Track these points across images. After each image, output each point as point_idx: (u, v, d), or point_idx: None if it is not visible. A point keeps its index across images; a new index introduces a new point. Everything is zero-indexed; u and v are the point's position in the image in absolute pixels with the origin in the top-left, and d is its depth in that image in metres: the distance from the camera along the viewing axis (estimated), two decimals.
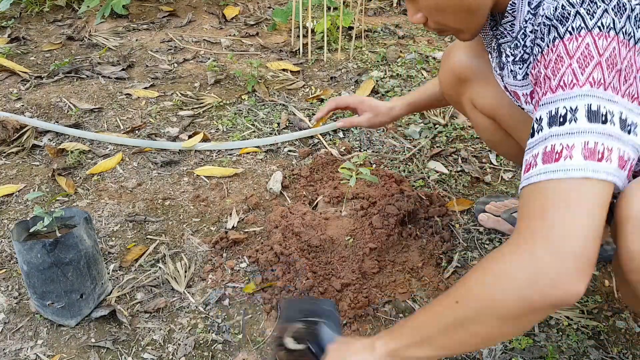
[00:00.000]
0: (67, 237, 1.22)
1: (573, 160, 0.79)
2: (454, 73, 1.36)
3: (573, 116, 0.81)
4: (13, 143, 1.92)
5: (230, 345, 1.25)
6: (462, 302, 0.82)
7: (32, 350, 1.24)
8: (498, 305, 0.79)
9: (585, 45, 0.82)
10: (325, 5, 2.54)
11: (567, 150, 0.80)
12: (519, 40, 1.03)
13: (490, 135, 1.40)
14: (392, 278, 1.40)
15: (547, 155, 0.82)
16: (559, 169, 0.80)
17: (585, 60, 0.81)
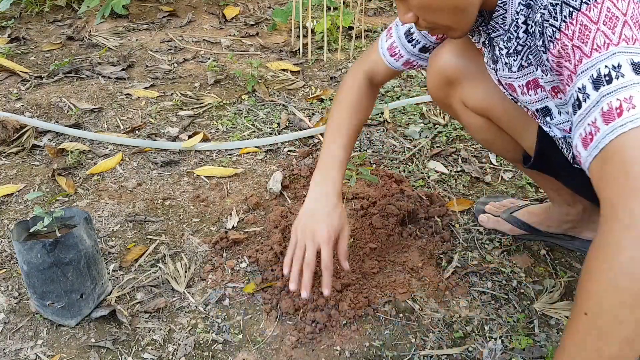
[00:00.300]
0: (67, 237, 1.22)
1: (637, 109, 0.74)
2: (443, 75, 1.34)
3: (618, 72, 0.77)
4: (13, 143, 1.92)
5: (230, 345, 1.25)
6: (591, 312, 0.73)
7: (32, 350, 1.24)
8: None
9: (606, 8, 0.80)
10: (325, 5, 2.54)
11: (626, 103, 0.75)
12: (511, 32, 1.04)
13: (484, 134, 1.39)
14: (392, 278, 1.40)
15: (606, 115, 0.77)
16: (626, 121, 0.75)
17: (612, 21, 0.79)
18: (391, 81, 2.36)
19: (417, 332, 1.29)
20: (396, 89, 2.30)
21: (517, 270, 1.46)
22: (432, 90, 1.41)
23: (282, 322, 1.30)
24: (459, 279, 1.42)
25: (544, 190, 1.53)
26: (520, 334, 1.28)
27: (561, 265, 1.48)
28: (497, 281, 1.43)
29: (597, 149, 0.77)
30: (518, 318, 1.32)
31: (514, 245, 1.53)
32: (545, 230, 1.51)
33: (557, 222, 1.49)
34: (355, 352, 1.24)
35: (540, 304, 1.36)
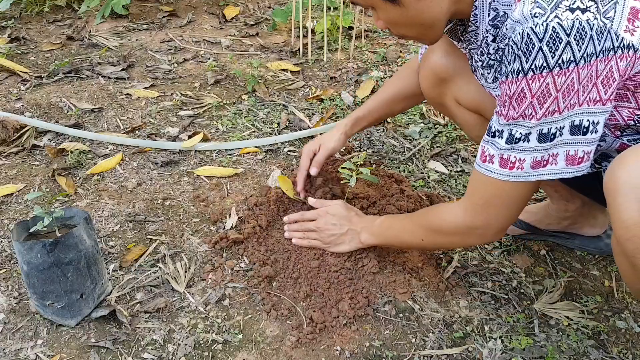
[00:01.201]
0: (67, 237, 1.22)
1: (524, 170, 1.02)
2: (435, 73, 1.40)
3: (527, 138, 1.00)
4: (13, 143, 1.92)
5: (230, 345, 1.25)
6: (425, 241, 1.28)
7: (32, 350, 1.24)
8: (444, 248, 1.45)
9: (545, 84, 0.93)
10: (325, 5, 2.54)
11: (519, 163, 1.02)
12: (483, 47, 1.10)
13: (478, 131, 1.41)
14: (392, 278, 1.40)
15: (503, 162, 1.04)
16: (512, 175, 1.04)
17: (544, 98, 0.95)
18: None
19: (417, 332, 1.29)
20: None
21: (517, 270, 1.46)
22: (425, 91, 1.45)
23: (282, 322, 1.30)
24: (459, 279, 1.42)
25: (542, 187, 1.54)
26: (520, 334, 1.28)
27: (561, 265, 1.48)
28: (497, 281, 1.43)
29: (487, 172, 1.07)
30: (518, 318, 1.32)
31: (514, 245, 1.53)
32: (545, 229, 1.51)
33: (556, 219, 1.49)
34: (355, 352, 1.24)
35: (540, 304, 1.36)
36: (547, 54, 0.91)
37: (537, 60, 0.92)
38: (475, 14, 1.05)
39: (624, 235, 0.90)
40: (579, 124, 0.97)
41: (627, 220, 0.89)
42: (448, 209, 1.22)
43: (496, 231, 1.15)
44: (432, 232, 1.25)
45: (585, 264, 1.49)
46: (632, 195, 0.88)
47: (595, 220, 1.47)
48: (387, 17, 1.06)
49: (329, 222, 1.42)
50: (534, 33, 0.91)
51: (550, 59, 0.91)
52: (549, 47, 0.90)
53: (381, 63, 2.54)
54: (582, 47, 0.90)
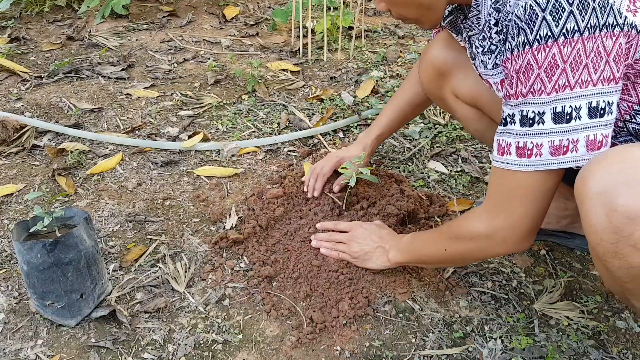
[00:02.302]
0: (67, 237, 1.22)
1: (542, 157, 0.99)
2: (434, 67, 1.42)
3: (541, 119, 0.97)
4: (13, 143, 1.92)
5: (230, 345, 1.25)
6: (448, 251, 1.20)
7: (32, 350, 1.24)
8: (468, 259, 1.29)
9: (552, 55, 0.92)
10: (325, 5, 2.54)
11: (536, 149, 0.99)
12: (485, 32, 1.10)
13: (476, 124, 1.44)
14: (392, 278, 1.40)
15: (520, 150, 1.01)
16: (531, 164, 1.00)
17: (552, 69, 0.93)
18: (391, 81, 2.36)
19: (417, 332, 1.29)
20: (396, 89, 2.29)
21: (517, 270, 1.46)
22: (424, 84, 1.47)
23: (282, 322, 1.30)
24: (459, 279, 1.42)
25: None
26: (520, 334, 1.28)
27: (561, 265, 1.48)
28: (497, 281, 1.43)
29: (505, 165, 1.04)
30: (518, 318, 1.32)
31: None
32: (545, 228, 1.51)
33: (555, 218, 1.49)
34: (355, 352, 1.24)
35: (540, 304, 1.36)
36: (550, 23, 0.91)
37: (541, 29, 0.91)
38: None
39: (594, 240, 0.92)
40: (596, 106, 0.94)
41: (595, 225, 0.90)
42: (471, 214, 1.17)
43: (523, 233, 1.07)
44: (454, 240, 1.18)
45: (585, 264, 1.49)
46: (599, 200, 0.89)
47: None
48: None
49: (361, 236, 1.40)
50: (536, 4, 0.91)
51: (555, 28, 0.91)
52: (552, 16, 0.90)
53: (381, 63, 2.54)
54: (585, 16, 0.90)
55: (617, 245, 0.89)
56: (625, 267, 0.91)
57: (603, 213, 0.88)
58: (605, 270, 0.96)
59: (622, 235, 0.88)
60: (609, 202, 0.88)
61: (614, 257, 0.90)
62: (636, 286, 0.94)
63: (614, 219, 0.87)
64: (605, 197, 0.88)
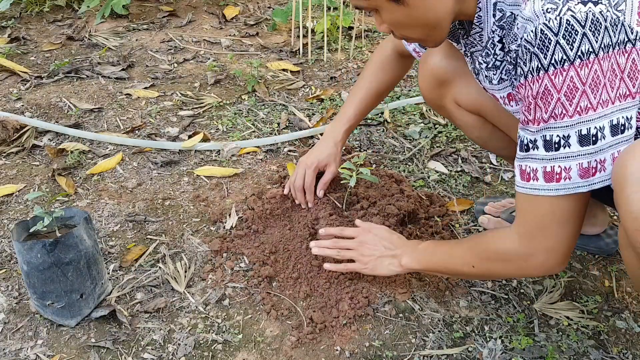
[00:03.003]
0: (67, 237, 1.22)
1: (572, 181, 0.96)
2: (434, 76, 1.39)
3: (567, 142, 0.95)
4: (13, 143, 1.92)
5: (230, 345, 1.25)
6: (477, 269, 1.16)
7: (32, 350, 1.24)
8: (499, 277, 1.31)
9: (570, 78, 0.91)
10: (325, 5, 2.54)
11: (565, 172, 0.96)
12: (488, 49, 1.08)
13: (479, 132, 1.42)
14: (392, 278, 1.40)
15: (548, 175, 0.98)
16: (561, 188, 0.98)
17: (572, 93, 0.91)
18: None
19: (417, 332, 1.29)
20: (396, 88, 2.29)
21: None
22: (424, 93, 1.46)
23: (282, 322, 1.30)
24: (459, 279, 1.42)
25: None
26: (520, 334, 1.28)
27: None
28: (497, 281, 1.43)
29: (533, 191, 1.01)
30: (518, 318, 1.32)
31: None
32: None
33: None
34: (355, 352, 1.24)
35: (540, 304, 1.36)
36: (564, 46, 0.89)
37: (556, 54, 0.90)
38: (479, 15, 1.04)
39: (631, 226, 0.89)
40: (617, 124, 0.93)
41: (635, 211, 0.87)
42: (503, 234, 1.13)
43: (560, 256, 1.05)
44: (485, 259, 1.15)
45: (585, 264, 1.49)
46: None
47: (595, 219, 1.47)
48: (391, 18, 1.03)
49: (370, 240, 1.33)
50: (548, 28, 0.90)
51: (569, 51, 0.89)
52: (565, 40, 0.89)
53: None
54: (598, 37, 0.88)
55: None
56: None
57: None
58: (637, 260, 0.94)
59: None
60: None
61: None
62: None
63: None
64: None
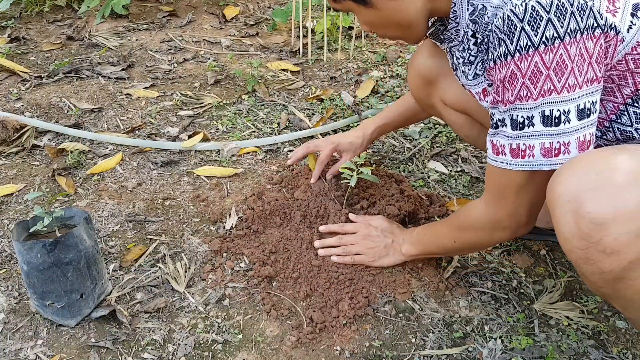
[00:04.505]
0: (67, 237, 1.22)
1: (535, 158, 1.01)
2: (421, 76, 1.43)
3: (530, 122, 0.98)
4: (13, 143, 1.92)
5: (230, 345, 1.25)
6: (457, 242, 1.25)
7: (32, 350, 1.24)
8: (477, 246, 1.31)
9: (534, 63, 0.94)
10: (325, 5, 2.54)
11: (529, 150, 1.00)
12: (464, 43, 1.11)
13: (467, 130, 1.45)
14: (392, 278, 1.40)
15: (514, 151, 1.02)
16: (525, 164, 1.02)
17: (536, 77, 0.95)
18: (391, 81, 2.36)
19: (417, 332, 1.29)
20: (396, 89, 2.30)
21: (517, 270, 1.46)
22: (413, 92, 1.50)
23: (282, 322, 1.30)
24: (459, 279, 1.42)
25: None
26: (520, 334, 1.28)
27: (561, 265, 1.48)
28: (497, 281, 1.43)
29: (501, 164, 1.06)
30: (518, 318, 1.32)
31: (514, 245, 1.53)
32: (545, 227, 1.51)
33: None
34: (355, 352, 1.24)
35: (540, 304, 1.36)
36: (529, 32, 0.92)
37: (521, 40, 0.93)
38: (454, 10, 1.07)
39: (565, 246, 0.93)
40: (583, 108, 0.96)
41: (565, 232, 0.91)
42: (473, 205, 1.21)
43: (521, 220, 1.12)
44: (461, 231, 1.24)
45: None
46: (568, 207, 0.90)
47: None
48: (365, 20, 1.10)
49: (372, 233, 1.39)
50: (514, 14, 0.92)
51: (534, 37, 0.92)
52: (530, 26, 0.91)
53: (381, 63, 2.54)
54: (563, 22, 0.91)
55: (587, 251, 0.90)
56: (598, 272, 0.92)
57: (572, 220, 0.90)
58: (582, 276, 0.97)
59: (591, 242, 0.88)
60: (577, 209, 0.89)
61: (586, 263, 0.92)
62: (611, 291, 0.95)
63: (582, 226, 0.88)
64: (572, 204, 0.89)
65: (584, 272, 0.94)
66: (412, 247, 1.35)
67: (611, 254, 0.88)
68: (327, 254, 1.41)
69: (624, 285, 0.93)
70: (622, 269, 0.89)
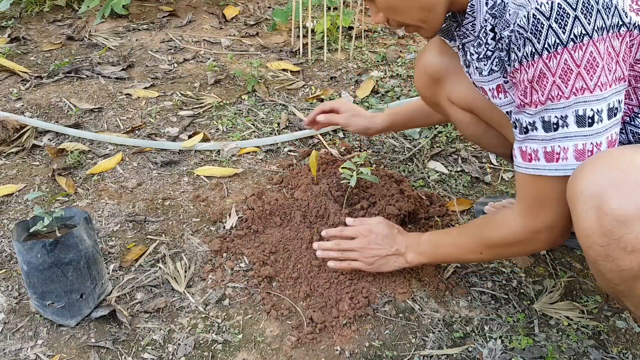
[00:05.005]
0: (67, 237, 1.22)
1: (568, 162, 0.98)
2: (427, 73, 1.42)
3: (565, 122, 0.96)
4: (13, 143, 1.92)
5: (230, 345, 1.25)
6: (485, 255, 1.20)
7: (32, 350, 1.24)
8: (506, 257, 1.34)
9: (563, 61, 0.92)
10: (325, 5, 2.54)
11: (563, 153, 0.97)
12: (481, 38, 1.09)
13: (472, 129, 1.44)
14: (392, 278, 1.40)
15: (548, 155, 0.99)
16: (560, 168, 0.99)
17: (566, 75, 0.92)
18: (391, 81, 2.36)
19: (417, 332, 1.29)
20: (396, 89, 2.29)
21: (517, 270, 1.46)
22: (420, 90, 1.50)
23: (282, 322, 1.30)
24: (459, 279, 1.42)
25: None
26: (520, 334, 1.28)
27: (561, 265, 1.48)
28: (497, 281, 1.43)
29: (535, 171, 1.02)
30: (518, 318, 1.32)
31: None
32: None
33: None
34: (355, 352, 1.24)
35: (540, 304, 1.36)
36: (557, 30, 0.90)
37: (549, 38, 0.91)
38: (472, 4, 1.06)
39: (585, 242, 0.93)
40: (612, 107, 0.95)
41: (586, 229, 0.91)
42: (504, 219, 1.14)
43: (560, 231, 1.07)
44: (491, 246, 1.17)
45: (585, 263, 1.49)
46: (590, 203, 0.89)
47: None
48: (387, 3, 1.05)
49: (373, 241, 1.32)
50: (540, 13, 0.91)
51: (562, 35, 0.90)
52: (557, 24, 0.90)
53: (381, 63, 2.54)
54: (590, 20, 0.90)
55: (607, 248, 0.89)
56: (616, 270, 0.91)
57: (594, 216, 0.89)
58: (598, 273, 0.97)
59: (612, 239, 0.88)
60: (600, 205, 0.88)
61: (605, 259, 0.91)
62: (627, 288, 0.95)
63: (605, 222, 0.88)
64: (595, 200, 0.89)
65: (601, 269, 0.93)
66: (419, 256, 1.29)
67: (632, 251, 0.88)
68: (326, 257, 1.37)
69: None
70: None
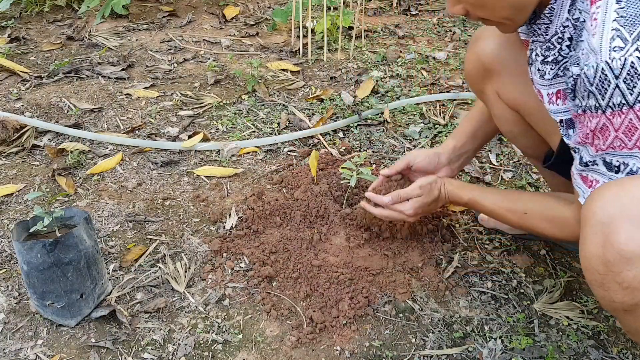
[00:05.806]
0: (67, 237, 1.22)
1: None
2: (481, 61, 1.32)
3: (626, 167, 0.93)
4: (13, 143, 1.92)
5: (230, 345, 1.25)
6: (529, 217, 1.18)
7: (32, 350, 1.24)
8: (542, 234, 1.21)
9: (628, 120, 0.88)
10: (325, 5, 2.54)
11: None
12: (552, 43, 1.03)
13: (511, 126, 1.35)
14: (392, 278, 1.40)
15: None
16: None
17: (630, 131, 0.89)
18: (391, 81, 2.36)
19: (417, 332, 1.29)
20: (396, 89, 2.29)
21: (517, 270, 1.46)
22: (467, 73, 1.39)
23: (282, 322, 1.30)
24: (459, 279, 1.42)
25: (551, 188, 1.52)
26: (520, 334, 1.28)
27: (561, 265, 1.48)
28: (497, 281, 1.43)
29: None
30: (518, 318, 1.32)
31: (514, 245, 1.53)
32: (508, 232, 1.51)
33: None
34: (355, 352, 1.24)
35: (540, 304, 1.36)
36: (624, 91, 0.85)
37: (614, 98, 0.87)
38: (552, 8, 0.99)
39: (584, 264, 0.92)
40: None
41: (590, 252, 0.90)
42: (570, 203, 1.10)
43: None
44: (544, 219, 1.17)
45: None
46: (599, 228, 0.88)
47: None
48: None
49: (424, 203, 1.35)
50: (610, 69, 0.85)
51: (629, 96, 0.85)
52: (626, 84, 0.85)
53: (381, 63, 2.54)
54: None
55: (604, 277, 0.89)
56: (608, 299, 0.91)
57: (599, 242, 0.88)
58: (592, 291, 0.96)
59: (611, 270, 0.87)
60: (608, 234, 0.87)
61: (600, 287, 0.91)
62: (617, 315, 0.95)
63: (608, 253, 0.87)
64: (605, 228, 0.87)
65: (595, 292, 0.93)
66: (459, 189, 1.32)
67: (626, 288, 0.87)
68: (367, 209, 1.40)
69: (631, 318, 0.93)
70: (633, 305, 0.89)
